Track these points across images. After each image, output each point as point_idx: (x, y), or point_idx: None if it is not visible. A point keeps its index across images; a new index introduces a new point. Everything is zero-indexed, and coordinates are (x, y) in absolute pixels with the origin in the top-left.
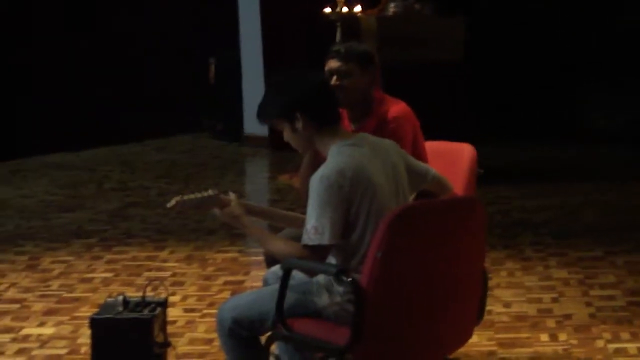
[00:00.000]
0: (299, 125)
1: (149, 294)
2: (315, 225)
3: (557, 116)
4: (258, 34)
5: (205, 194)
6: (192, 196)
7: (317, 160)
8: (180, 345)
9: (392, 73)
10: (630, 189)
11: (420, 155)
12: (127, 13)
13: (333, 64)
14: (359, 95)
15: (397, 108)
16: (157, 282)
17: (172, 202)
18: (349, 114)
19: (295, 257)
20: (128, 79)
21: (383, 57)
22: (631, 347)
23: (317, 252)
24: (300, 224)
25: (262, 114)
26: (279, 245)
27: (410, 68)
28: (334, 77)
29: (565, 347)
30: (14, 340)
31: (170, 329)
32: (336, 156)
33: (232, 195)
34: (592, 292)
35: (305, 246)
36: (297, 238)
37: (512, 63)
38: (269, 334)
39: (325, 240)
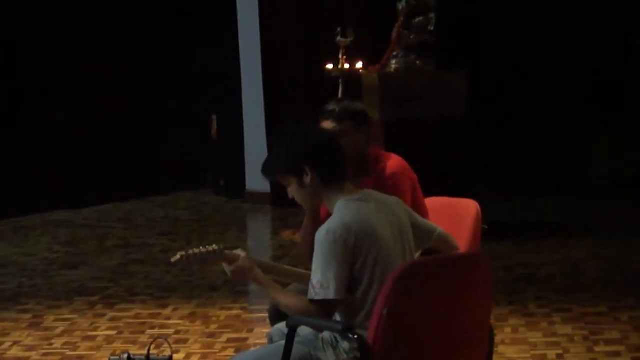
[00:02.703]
0: (307, 179)
1: (153, 351)
2: (321, 280)
3: (561, 169)
4: (260, 90)
5: (210, 248)
6: (196, 251)
7: (319, 217)
8: None
9: (395, 129)
10: (633, 243)
11: (419, 208)
12: (129, 69)
13: (327, 125)
14: (355, 154)
15: (392, 163)
16: (160, 340)
17: (177, 256)
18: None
19: (303, 311)
20: (129, 135)
21: (385, 113)
22: None
23: (324, 307)
24: (305, 279)
25: (268, 168)
26: (289, 299)
27: (412, 123)
28: None
29: None
30: None
31: None
32: (342, 211)
33: (239, 251)
34: (597, 348)
35: (312, 301)
36: (303, 294)
37: (515, 116)
38: None
39: (330, 295)
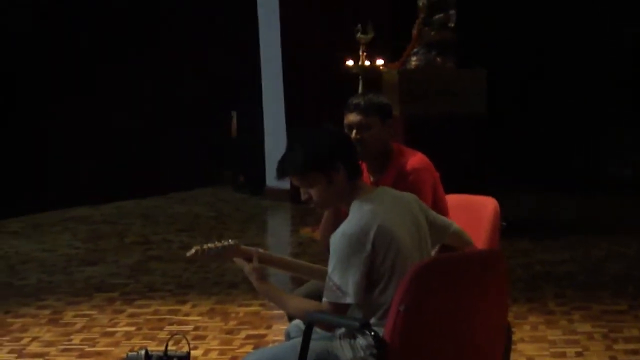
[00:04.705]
0: (337, 176)
1: (171, 348)
2: (338, 284)
3: (580, 167)
4: (280, 86)
5: (225, 243)
6: (212, 245)
7: (338, 214)
8: None
9: (414, 126)
10: None
11: (440, 205)
12: (149, 66)
13: (353, 117)
14: (379, 148)
15: (415, 159)
16: (179, 336)
17: (192, 251)
18: (368, 166)
19: (317, 311)
20: (150, 132)
21: (405, 110)
22: None
23: (339, 309)
24: (323, 275)
25: (288, 168)
26: (297, 303)
27: (432, 121)
28: (354, 131)
29: None
30: None
31: None
32: (358, 212)
33: (255, 250)
34: (616, 346)
35: (327, 302)
36: (320, 291)
37: (534, 114)
38: None
39: (348, 299)
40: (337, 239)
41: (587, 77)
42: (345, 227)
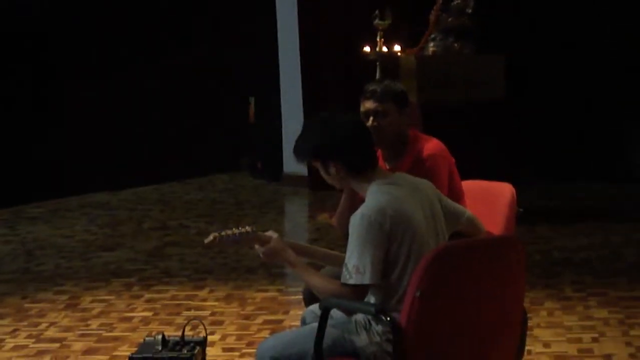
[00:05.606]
0: (332, 170)
1: (188, 333)
2: (357, 265)
3: (599, 154)
4: (298, 72)
5: (243, 230)
6: (229, 232)
7: (355, 199)
8: None
9: (432, 112)
10: None
11: (456, 191)
12: (167, 52)
13: (369, 104)
14: (395, 135)
15: (431, 145)
16: (196, 321)
17: (210, 237)
18: (384, 153)
19: (335, 294)
20: (168, 118)
21: (423, 97)
22: None
23: (357, 291)
24: (340, 262)
25: (297, 153)
26: (320, 282)
27: (450, 107)
28: (371, 118)
29: None
30: None
31: None
32: (376, 195)
33: (271, 233)
34: (633, 332)
35: (345, 285)
36: (337, 277)
37: (553, 101)
38: None
39: (366, 280)
40: (357, 221)
41: (607, 63)
42: (364, 209)
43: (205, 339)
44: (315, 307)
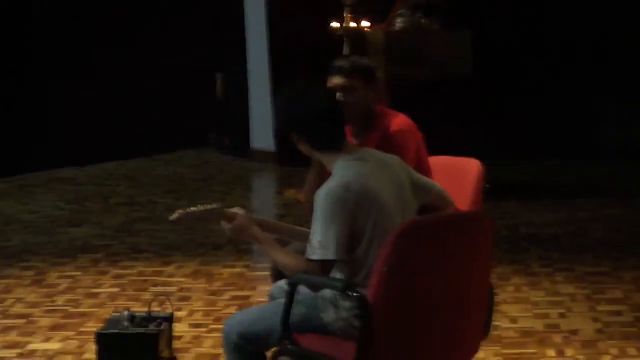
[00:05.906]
0: (298, 143)
1: (155, 309)
2: (321, 240)
3: (568, 130)
4: (265, 48)
5: (209, 206)
6: (195, 209)
7: (323, 175)
8: None
9: (400, 87)
10: (638, 204)
11: (424, 167)
12: (134, 29)
13: (337, 80)
14: (363, 111)
15: (399, 121)
16: (163, 298)
17: (175, 215)
18: (352, 129)
19: (301, 270)
20: (135, 93)
21: (391, 72)
22: None
23: (322, 267)
24: (307, 238)
25: (275, 122)
26: (286, 258)
27: (418, 83)
28: (338, 94)
29: None
30: (20, 355)
31: (176, 344)
32: (342, 171)
33: (238, 209)
34: (600, 308)
35: (310, 260)
36: (304, 253)
37: (521, 76)
38: (275, 349)
39: (330, 255)
40: (321, 197)
41: (576, 39)
42: (329, 185)
43: (172, 315)
44: (283, 283)
